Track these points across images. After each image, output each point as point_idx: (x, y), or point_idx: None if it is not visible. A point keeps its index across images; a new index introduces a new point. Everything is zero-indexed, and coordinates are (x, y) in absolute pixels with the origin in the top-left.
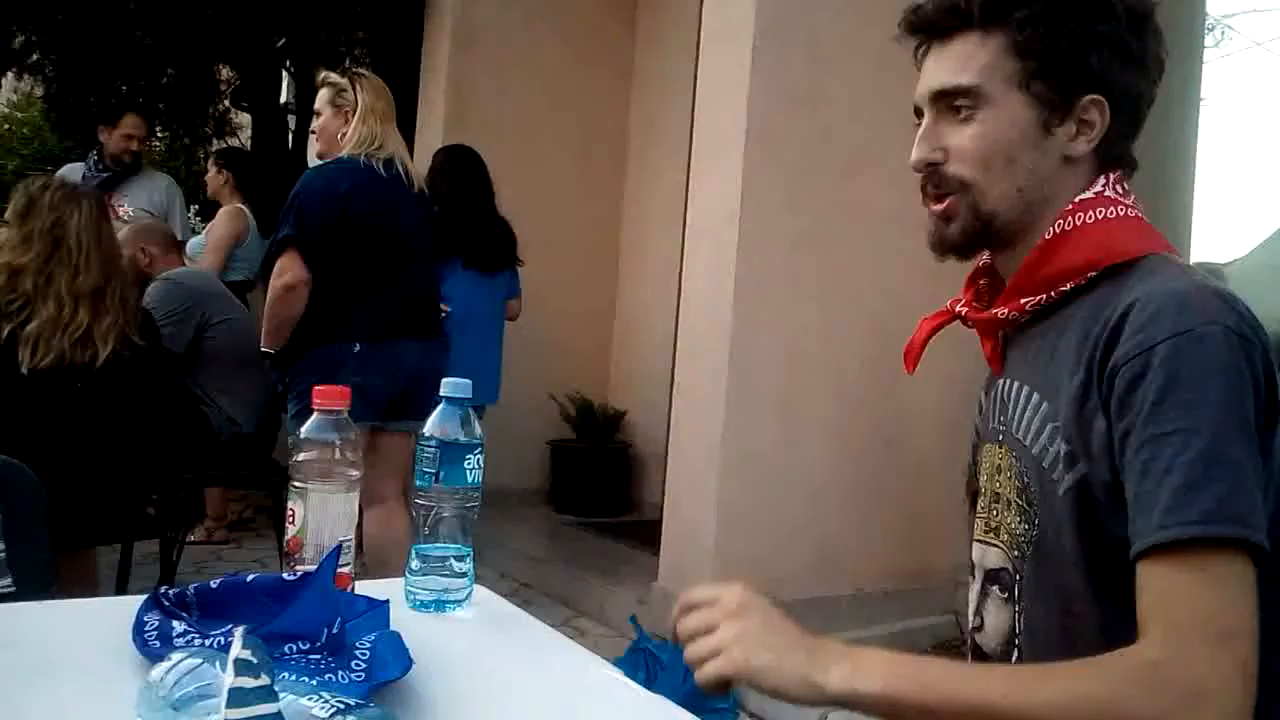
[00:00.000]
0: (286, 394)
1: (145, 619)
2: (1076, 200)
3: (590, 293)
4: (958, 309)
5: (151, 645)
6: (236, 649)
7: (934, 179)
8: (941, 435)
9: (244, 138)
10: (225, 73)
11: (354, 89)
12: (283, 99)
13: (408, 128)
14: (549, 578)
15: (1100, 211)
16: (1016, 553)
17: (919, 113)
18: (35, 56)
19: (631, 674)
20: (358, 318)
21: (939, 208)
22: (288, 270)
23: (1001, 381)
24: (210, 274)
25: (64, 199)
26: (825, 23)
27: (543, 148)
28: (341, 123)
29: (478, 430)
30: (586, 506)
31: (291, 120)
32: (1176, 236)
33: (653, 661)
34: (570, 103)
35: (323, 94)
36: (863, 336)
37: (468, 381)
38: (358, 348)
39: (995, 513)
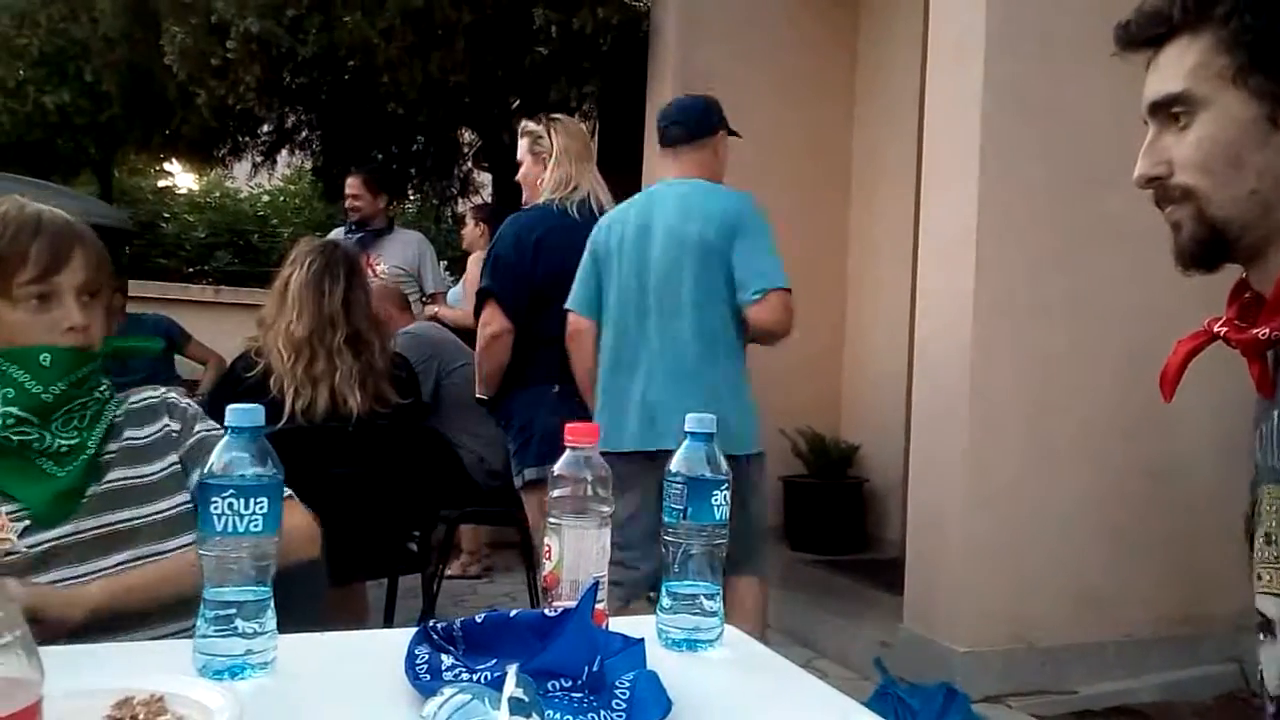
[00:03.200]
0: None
1: (416, 652)
2: None
3: (818, 327)
4: (1216, 329)
5: (422, 678)
6: (510, 687)
7: (1160, 192)
8: (1217, 465)
9: (485, 195)
10: (467, 136)
11: (549, 134)
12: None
13: (635, 170)
14: (788, 617)
15: None
16: None
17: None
18: (304, 134)
19: None
20: (554, 360)
21: (1169, 220)
22: (490, 321)
23: (1276, 412)
24: (439, 326)
25: (323, 261)
26: (1061, 28)
27: (766, 186)
28: (540, 169)
29: (723, 466)
30: (821, 544)
31: None
32: None
33: (902, 708)
34: (792, 139)
35: (522, 144)
36: (1117, 361)
37: (712, 417)
38: (555, 389)
39: None
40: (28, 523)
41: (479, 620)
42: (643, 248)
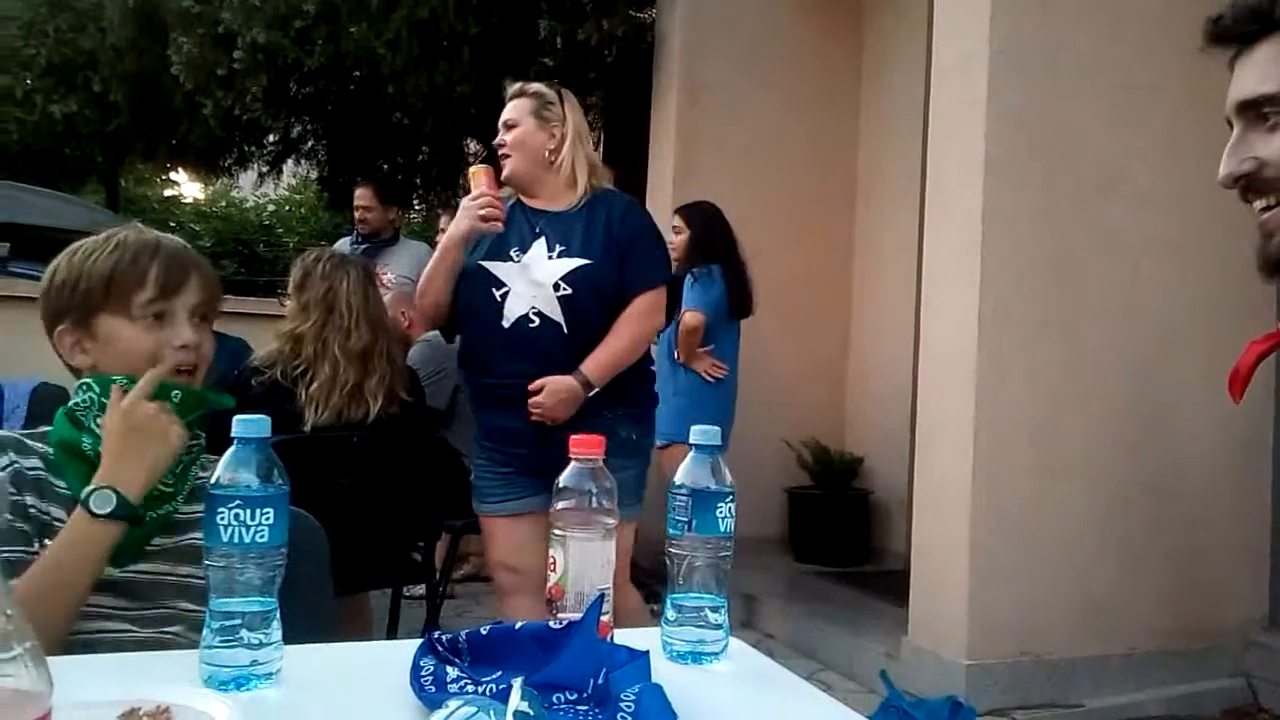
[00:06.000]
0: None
1: (421, 664)
2: None
3: (822, 338)
4: None
5: (427, 690)
6: (515, 701)
7: (1251, 188)
8: (1221, 479)
9: None
10: (472, 146)
11: (561, 103)
12: None
13: (639, 180)
14: (792, 629)
15: None
16: None
17: (1231, 125)
18: (310, 144)
19: None
20: None
21: (1262, 220)
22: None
23: None
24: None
25: (335, 268)
26: (1063, 43)
27: (771, 195)
28: (546, 137)
29: (728, 478)
30: (826, 555)
31: None
32: None
33: None
34: (796, 150)
35: (522, 104)
36: (1123, 373)
37: (716, 429)
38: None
39: None
40: None
41: (484, 632)
42: None
